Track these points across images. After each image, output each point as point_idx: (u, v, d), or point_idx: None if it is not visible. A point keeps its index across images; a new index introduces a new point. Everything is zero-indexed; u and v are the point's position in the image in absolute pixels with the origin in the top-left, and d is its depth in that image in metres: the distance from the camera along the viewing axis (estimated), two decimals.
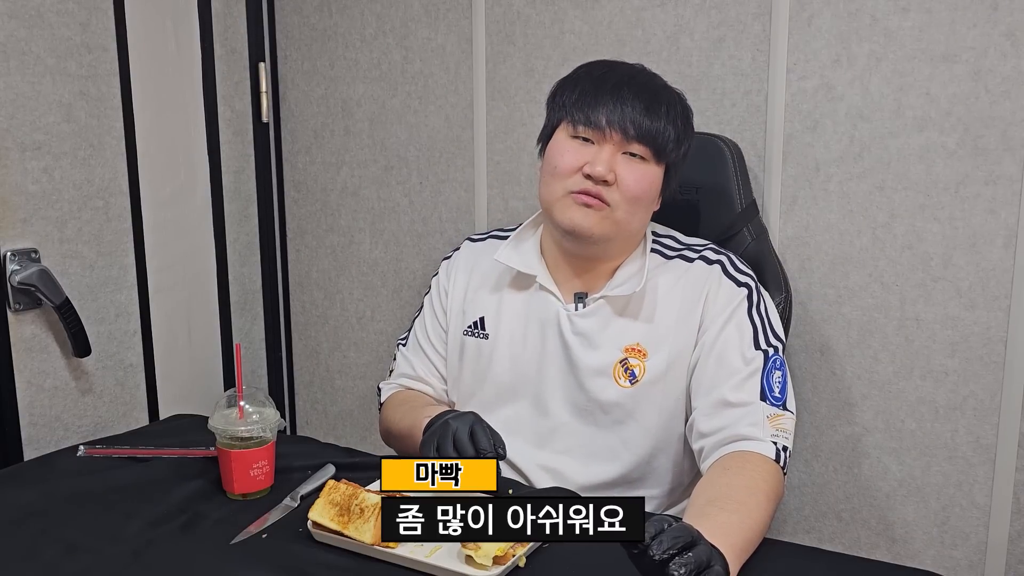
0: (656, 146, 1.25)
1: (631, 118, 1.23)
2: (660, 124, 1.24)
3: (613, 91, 1.25)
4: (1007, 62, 1.39)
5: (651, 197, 1.28)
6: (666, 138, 1.25)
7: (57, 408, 1.79)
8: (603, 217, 1.25)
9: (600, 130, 1.24)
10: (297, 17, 2.09)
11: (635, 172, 1.25)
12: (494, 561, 1.03)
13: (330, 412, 2.24)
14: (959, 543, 1.53)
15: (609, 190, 1.24)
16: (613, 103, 1.24)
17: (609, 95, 1.24)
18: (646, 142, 1.24)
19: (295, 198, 2.18)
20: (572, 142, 1.27)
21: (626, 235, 1.30)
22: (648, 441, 1.31)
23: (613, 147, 1.24)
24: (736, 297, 1.29)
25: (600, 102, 1.24)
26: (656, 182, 1.28)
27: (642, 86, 1.27)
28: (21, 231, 1.70)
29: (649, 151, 1.25)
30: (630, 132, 1.23)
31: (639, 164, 1.25)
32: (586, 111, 1.25)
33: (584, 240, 1.28)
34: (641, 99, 1.24)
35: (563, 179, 1.26)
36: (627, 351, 1.31)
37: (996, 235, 1.44)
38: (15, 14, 1.65)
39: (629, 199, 1.25)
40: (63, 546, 1.13)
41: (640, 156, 1.25)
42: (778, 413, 1.22)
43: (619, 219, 1.26)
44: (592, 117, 1.24)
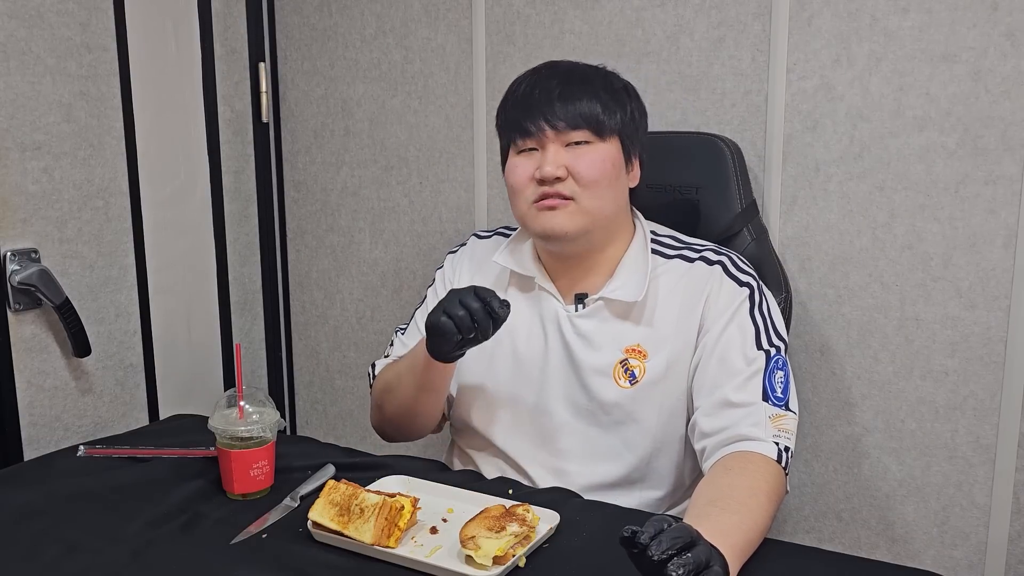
0: (590, 124, 1.26)
1: (553, 111, 1.26)
2: (583, 104, 1.26)
3: (528, 97, 1.28)
4: (1007, 62, 1.39)
5: (612, 175, 1.28)
6: (594, 112, 1.26)
7: (57, 408, 1.79)
8: (571, 213, 1.27)
9: (534, 136, 1.27)
10: (297, 17, 2.09)
11: (584, 157, 1.26)
12: (494, 561, 1.03)
13: (330, 412, 2.24)
14: (959, 543, 1.53)
15: (565, 184, 1.26)
16: (535, 107, 1.27)
17: (528, 102, 1.28)
18: (578, 126, 1.26)
19: (295, 198, 2.18)
20: (520, 157, 1.30)
21: (604, 222, 1.30)
22: (648, 441, 1.31)
23: (555, 145, 1.27)
24: (738, 297, 1.29)
25: (524, 112, 1.28)
26: (610, 158, 1.28)
27: (551, 78, 1.29)
28: (21, 231, 1.70)
29: (588, 132, 1.27)
30: (559, 124, 1.26)
31: (586, 148, 1.27)
32: (516, 127, 1.29)
33: (563, 240, 1.29)
34: (553, 91, 1.27)
35: (522, 192, 1.29)
36: (627, 352, 1.31)
37: (996, 235, 1.44)
38: (15, 14, 1.65)
39: (587, 184, 1.26)
40: (63, 546, 1.12)
41: (584, 141, 1.27)
42: (780, 413, 1.22)
43: (587, 207, 1.27)
44: (522, 128, 1.28)
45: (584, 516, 1.18)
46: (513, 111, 1.30)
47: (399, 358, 1.46)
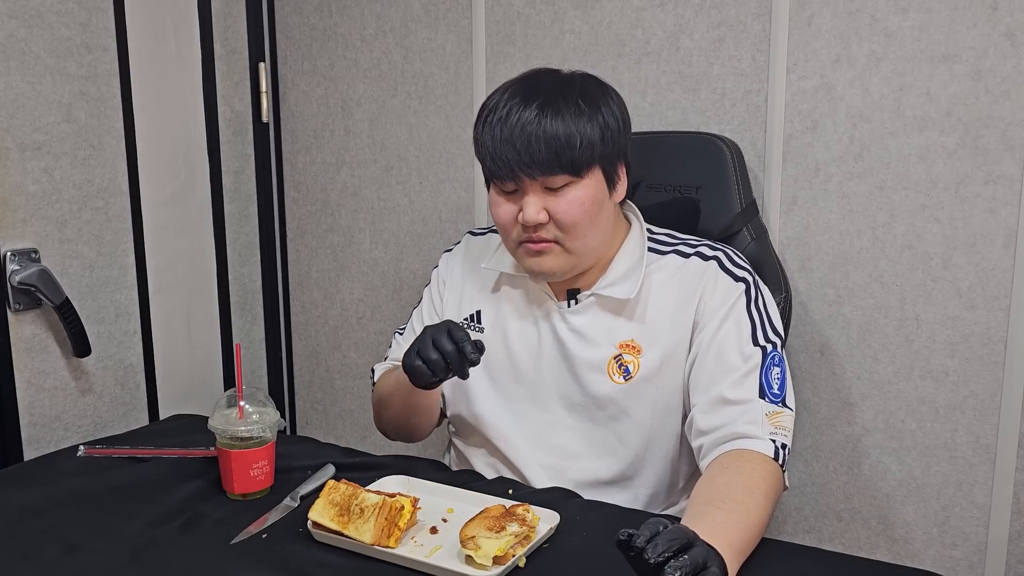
0: (566, 167, 1.22)
1: (531, 157, 1.21)
2: (558, 142, 1.21)
3: (502, 138, 1.23)
4: (1007, 62, 1.39)
5: (594, 211, 1.26)
6: (570, 152, 1.22)
7: (57, 408, 1.79)
8: (556, 255, 1.27)
9: (513, 181, 1.24)
10: (297, 17, 2.09)
11: (563, 201, 1.23)
12: (494, 561, 1.03)
13: (330, 412, 2.24)
14: (959, 543, 1.53)
15: (548, 228, 1.25)
16: (511, 151, 1.22)
17: (504, 145, 1.23)
18: (554, 171, 1.22)
19: (295, 198, 2.18)
20: (502, 196, 1.28)
21: (592, 254, 1.30)
22: (643, 437, 1.31)
23: (535, 188, 1.24)
24: (734, 292, 1.28)
25: (500, 156, 1.23)
26: (591, 196, 1.25)
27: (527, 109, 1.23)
28: (21, 231, 1.70)
29: (565, 175, 1.23)
30: (535, 173, 1.22)
31: (566, 191, 1.24)
32: (499, 169, 1.25)
33: (552, 278, 1.31)
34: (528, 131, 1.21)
35: (507, 233, 1.29)
36: (621, 347, 1.31)
37: (996, 235, 1.44)
38: (15, 14, 1.65)
39: (568, 228, 1.24)
40: (63, 546, 1.13)
41: (563, 184, 1.24)
42: (777, 410, 1.22)
43: (573, 248, 1.26)
44: (500, 174, 1.25)
45: (584, 516, 1.18)
46: (491, 150, 1.24)
47: (393, 367, 1.46)
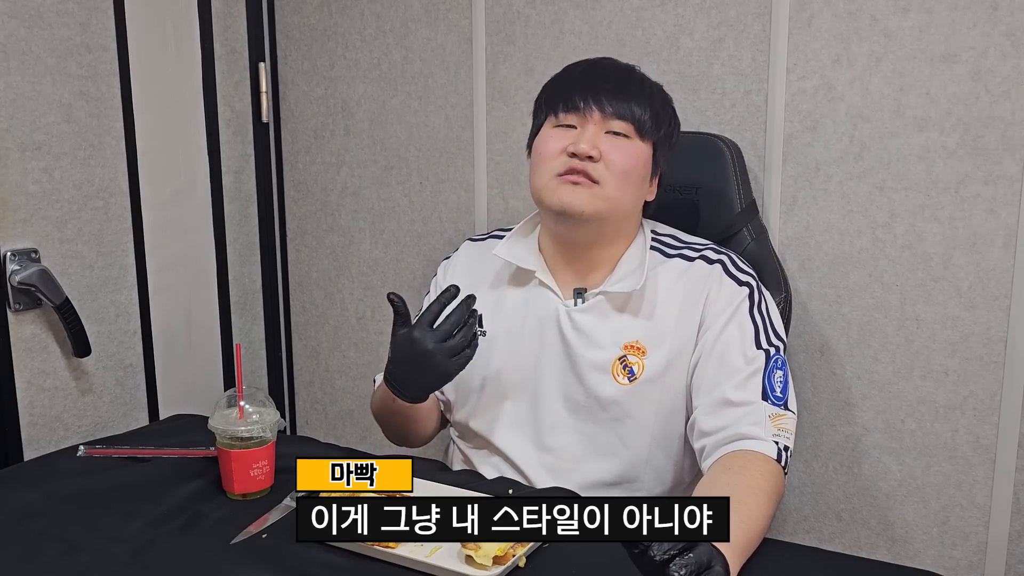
0: (636, 121, 1.28)
1: (607, 96, 1.27)
2: (635, 101, 1.28)
3: (585, 76, 1.30)
4: (1007, 62, 1.39)
5: (640, 174, 1.29)
6: (643, 114, 1.28)
7: (57, 408, 1.79)
8: (593, 195, 1.26)
9: (579, 112, 1.27)
10: (297, 17, 2.09)
11: (620, 147, 1.27)
12: (494, 561, 1.03)
13: (330, 412, 2.24)
14: (959, 543, 1.53)
15: (596, 166, 1.26)
16: (587, 86, 1.28)
17: (583, 80, 1.30)
18: (624, 117, 1.27)
19: (295, 198, 2.18)
20: (556, 130, 1.30)
21: (618, 215, 1.30)
22: (646, 439, 1.31)
23: (595, 127, 1.27)
24: (737, 296, 1.29)
25: (575, 88, 1.29)
26: (643, 158, 1.29)
27: (612, 69, 1.32)
28: (21, 231, 1.70)
29: (630, 127, 1.28)
30: (607, 109, 1.27)
31: (623, 140, 1.28)
32: (563, 98, 1.29)
33: (576, 220, 1.27)
34: (611, 81, 1.29)
35: (549, 162, 1.28)
36: (626, 348, 1.31)
37: (996, 235, 1.44)
38: (15, 14, 1.65)
39: (617, 174, 1.26)
40: (63, 546, 1.13)
41: (623, 134, 1.28)
42: (780, 413, 1.22)
43: (610, 195, 1.26)
44: (570, 101, 1.29)
45: None
46: (565, 85, 1.31)
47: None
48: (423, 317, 1.28)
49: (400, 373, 1.31)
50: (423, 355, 1.26)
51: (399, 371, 1.31)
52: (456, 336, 1.26)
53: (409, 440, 1.48)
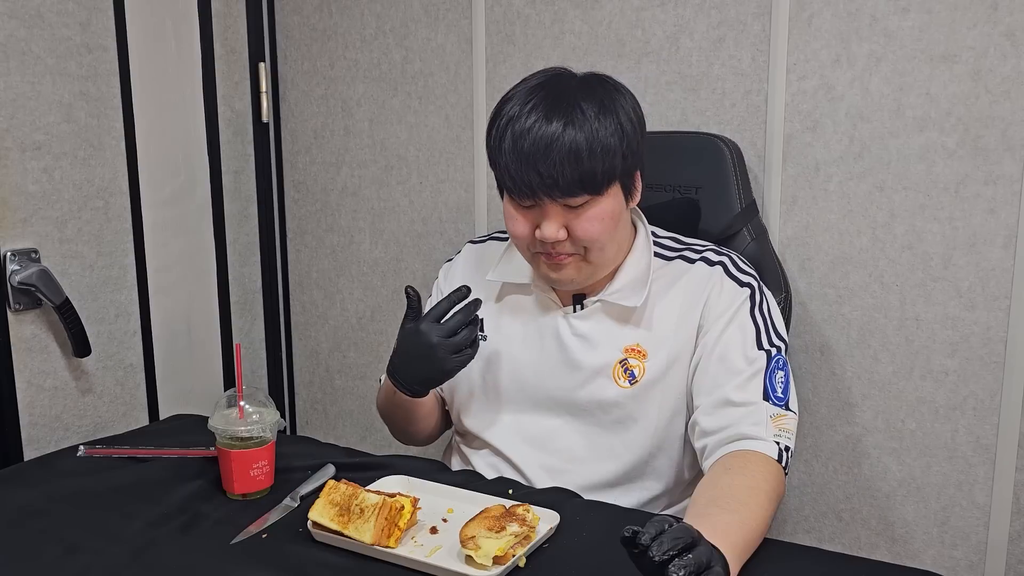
0: (587, 188, 1.20)
1: (554, 180, 1.18)
2: (580, 162, 1.18)
3: (530, 161, 1.19)
4: (1007, 62, 1.39)
5: (612, 226, 1.25)
6: (593, 174, 1.19)
7: (57, 408, 1.79)
8: (577, 266, 1.27)
9: (537, 198, 1.22)
10: (297, 17, 2.09)
11: (583, 219, 1.22)
12: (494, 561, 1.03)
13: (330, 412, 2.24)
14: (959, 543, 1.53)
15: (565, 245, 1.24)
16: (532, 171, 1.19)
17: (525, 164, 1.19)
18: (575, 192, 1.20)
19: (295, 198, 2.18)
20: (519, 210, 1.26)
21: (610, 261, 1.30)
22: (648, 441, 1.31)
23: (554, 208, 1.22)
24: (739, 297, 1.29)
25: (521, 175, 1.20)
26: (611, 211, 1.24)
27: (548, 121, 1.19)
28: (21, 231, 1.70)
29: (585, 195, 1.21)
30: (557, 194, 1.20)
31: (586, 208, 1.22)
32: (513, 188, 1.23)
33: (570, 286, 1.30)
34: (552, 151, 1.18)
35: (524, 245, 1.28)
36: (627, 351, 1.31)
37: (996, 235, 1.44)
38: (15, 14, 1.65)
39: (590, 243, 1.24)
40: (63, 546, 1.13)
41: (583, 203, 1.22)
42: (781, 413, 1.22)
43: (592, 259, 1.26)
44: (520, 191, 1.22)
45: (584, 516, 1.18)
46: (512, 167, 1.21)
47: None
48: (431, 312, 1.30)
49: (403, 365, 1.33)
50: (427, 348, 1.28)
51: (402, 363, 1.33)
52: (460, 334, 1.28)
53: (412, 437, 1.48)
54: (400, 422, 1.45)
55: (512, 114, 1.22)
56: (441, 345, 1.28)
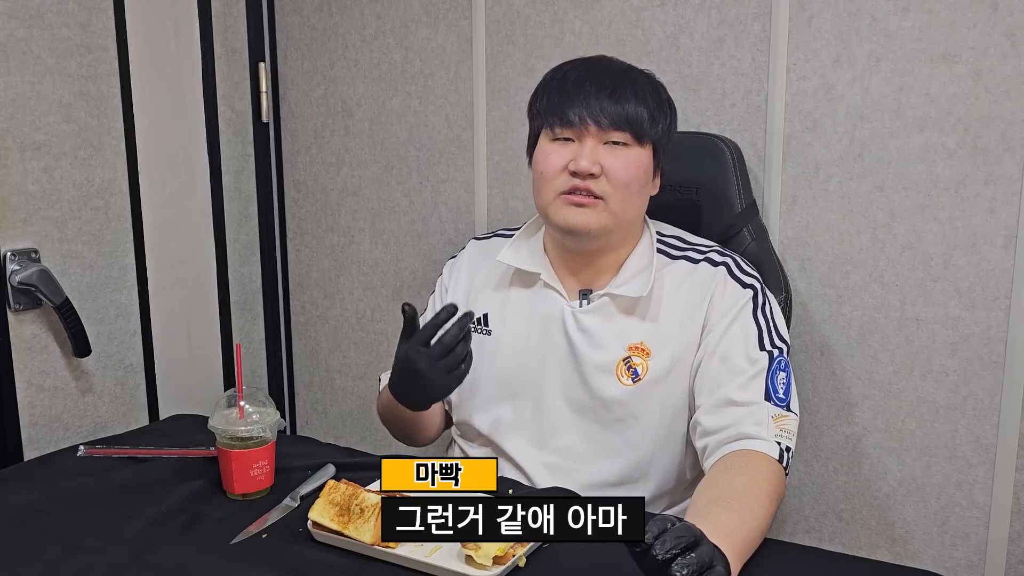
0: (633, 128, 1.26)
1: (601, 108, 1.25)
2: (631, 106, 1.25)
3: (577, 86, 1.27)
4: (1007, 62, 1.39)
5: (642, 181, 1.29)
6: (640, 118, 1.26)
7: (57, 408, 1.79)
8: (598, 212, 1.26)
9: (575, 127, 1.26)
10: (297, 17, 2.09)
11: (620, 159, 1.26)
12: (494, 561, 1.03)
13: (330, 412, 2.24)
14: (959, 543, 1.53)
15: (598, 182, 1.25)
16: (581, 98, 1.26)
17: (576, 92, 1.26)
18: (622, 127, 1.25)
19: (295, 198, 2.18)
20: (554, 144, 1.28)
21: (625, 224, 1.30)
22: (649, 440, 1.31)
23: (593, 140, 1.26)
24: (742, 298, 1.29)
25: (569, 101, 1.26)
26: (644, 164, 1.28)
27: (604, 74, 1.28)
28: (21, 231, 1.70)
29: (628, 135, 1.26)
30: (603, 122, 1.25)
31: (622, 150, 1.26)
32: (558, 113, 1.27)
33: (584, 237, 1.29)
34: (605, 88, 1.26)
35: (551, 181, 1.28)
36: (631, 349, 1.31)
37: (996, 235, 1.44)
38: (15, 14, 1.65)
39: (619, 186, 1.26)
40: (63, 546, 1.13)
41: (622, 143, 1.26)
42: (782, 414, 1.22)
43: (614, 209, 1.27)
44: (565, 117, 1.26)
45: None
46: (558, 97, 1.27)
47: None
48: (417, 335, 1.24)
49: (400, 385, 1.30)
50: (418, 374, 1.25)
51: (399, 383, 1.30)
52: (451, 354, 1.23)
53: (414, 440, 1.48)
54: (402, 429, 1.45)
55: (570, 65, 1.31)
56: (431, 370, 1.23)
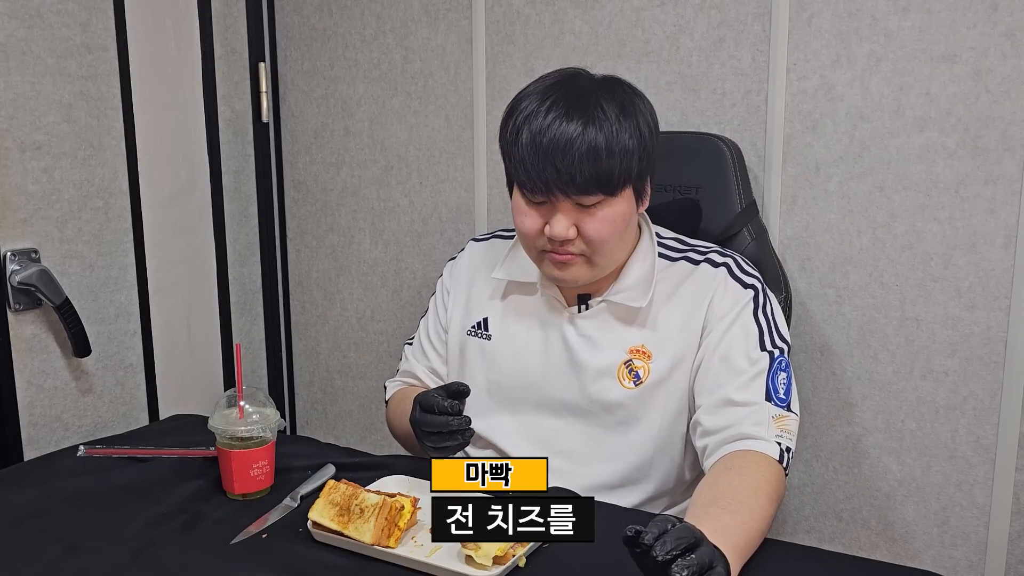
0: (604, 189, 1.20)
1: (571, 174, 1.18)
2: (602, 164, 1.18)
3: (538, 146, 1.19)
4: (1007, 62, 1.39)
5: (622, 230, 1.26)
6: (610, 173, 1.19)
7: (57, 408, 1.79)
8: (580, 267, 1.27)
9: (545, 194, 1.22)
10: (297, 17, 2.09)
11: (595, 219, 1.22)
12: (494, 561, 1.03)
13: (330, 412, 2.24)
14: (959, 543, 1.53)
15: (575, 244, 1.24)
16: (550, 166, 1.18)
17: (538, 153, 1.19)
18: (592, 191, 1.20)
19: (295, 198, 2.18)
20: (530, 205, 1.25)
21: (615, 263, 1.30)
22: (651, 442, 1.31)
23: (566, 205, 1.22)
24: (743, 299, 1.29)
25: (537, 168, 1.19)
26: (622, 213, 1.24)
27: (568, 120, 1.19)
28: (21, 231, 1.70)
29: (599, 194, 1.21)
30: (571, 190, 1.20)
31: (598, 209, 1.22)
32: (527, 184, 1.22)
33: (573, 284, 1.30)
34: (574, 144, 1.18)
35: (531, 241, 1.27)
36: (632, 352, 1.31)
37: (996, 235, 1.44)
38: (15, 14, 1.65)
39: (598, 245, 1.24)
40: (63, 546, 1.13)
41: (596, 202, 1.22)
42: (783, 414, 1.22)
43: (598, 261, 1.26)
44: (534, 186, 1.21)
45: None
46: (521, 159, 1.21)
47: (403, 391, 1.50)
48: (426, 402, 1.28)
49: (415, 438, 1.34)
50: (418, 437, 1.30)
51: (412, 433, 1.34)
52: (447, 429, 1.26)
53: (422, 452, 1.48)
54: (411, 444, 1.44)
55: (530, 111, 1.22)
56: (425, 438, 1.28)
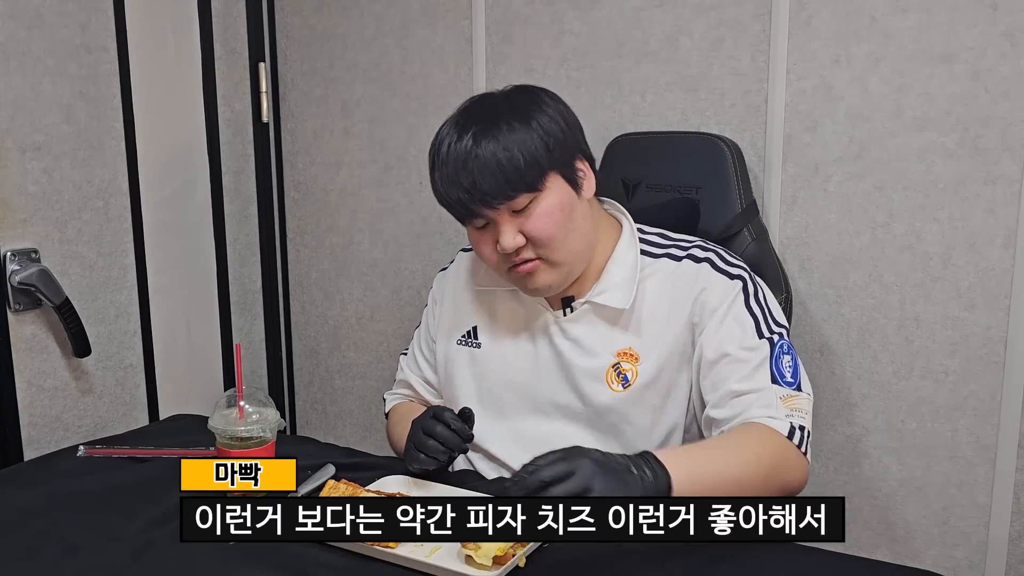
0: (523, 187, 1.20)
1: (485, 191, 1.20)
2: (506, 169, 1.19)
3: (454, 180, 1.22)
4: (1007, 62, 1.39)
5: (566, 217, 1.25)
6: (521, 175, 1.20)
7: (57, 408, 1.79)
8: (544, 271, 1.26)
9: (481, 215, 1.23)
10: (297, 17, 2.09)
11: (533, 219, 1.22)
12: (494, 561, 1.03)
13: (330, 412, 2.24)
14: (959, 543, 1.53)
15: (527, 248, 1.24)
16: (463, 191, 1.21)
17: (455, 186, 1.22)
18: (513, 195, 1.20)
19: (295, 198, 2.18)
20: (477, 232, 1.27)
21: (580, 259, 1.29)
22: (643, 442, 1.31)
23: (504, 216, 1.23)
24: (732, 291, 1.27)
25: (457, 197, 1.22)
26: (558, 202, 1.23)
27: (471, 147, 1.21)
28: (21, 231, 1.70)
29: (525, 194, 1.21)
30: (496, 202, 1.21)
31: (532, 208, 1.22)
32: (450, 205, 1.25)
33: (549, 293, 1.30)
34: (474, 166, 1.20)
35: (494, 264, 1.29)
36: (619, 355, 1.30)
37: (996, 235, 1.44)
38: (15, 15, 1.65)
39: (547, 242, 1.24)
40: (63, 546, 1.13)
41: (527, 205, 1.22)
42: (791, 394, 1.21)
43: (557, 259, 1.25)
44: (464, 215, 1.25)
45: None
46: (443, 196, 1.24)
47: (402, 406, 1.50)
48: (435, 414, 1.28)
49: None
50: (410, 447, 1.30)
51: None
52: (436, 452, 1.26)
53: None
54: None
55: (438, 141, 1.26)
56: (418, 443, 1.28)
